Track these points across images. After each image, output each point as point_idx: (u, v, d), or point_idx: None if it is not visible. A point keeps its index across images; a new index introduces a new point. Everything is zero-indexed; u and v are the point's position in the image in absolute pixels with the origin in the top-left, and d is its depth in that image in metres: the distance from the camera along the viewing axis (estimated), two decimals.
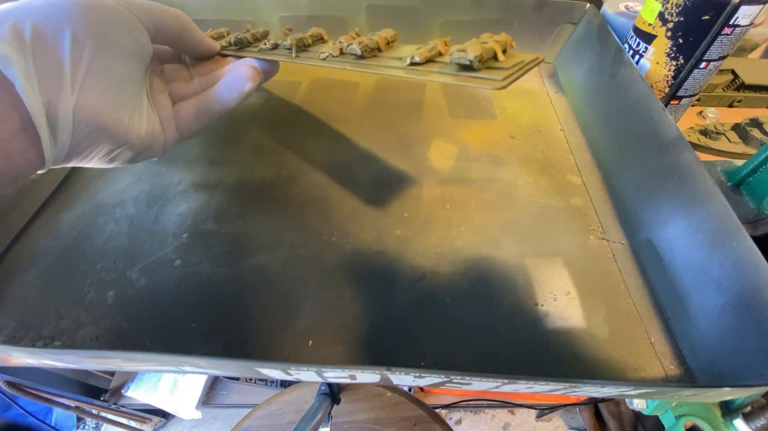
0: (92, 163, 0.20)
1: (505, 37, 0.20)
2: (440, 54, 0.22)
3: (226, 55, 0.27)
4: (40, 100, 0.16)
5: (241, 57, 0.27)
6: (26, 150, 0.17)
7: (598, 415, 0.74)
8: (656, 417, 0.29)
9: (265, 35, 0.29)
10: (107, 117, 0.18)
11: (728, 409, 0.26)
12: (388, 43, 0.24)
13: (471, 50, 0.19)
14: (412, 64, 0.21)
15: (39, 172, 0.18)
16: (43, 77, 0.16)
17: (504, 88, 0.18)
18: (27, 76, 0.16)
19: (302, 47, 0.26)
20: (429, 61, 0.21)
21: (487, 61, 0.19)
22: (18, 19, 0.16)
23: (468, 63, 0.19)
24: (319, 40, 0.27)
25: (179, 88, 0.25)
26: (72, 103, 0.17)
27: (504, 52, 0.20)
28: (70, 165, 0.19)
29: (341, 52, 0.24)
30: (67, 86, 0.17)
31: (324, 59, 0.24)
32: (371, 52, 0.23)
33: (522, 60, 0.20)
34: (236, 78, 0.24)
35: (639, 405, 0.29)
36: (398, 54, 0.23)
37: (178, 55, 0.27)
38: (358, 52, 0.23)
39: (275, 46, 0.26)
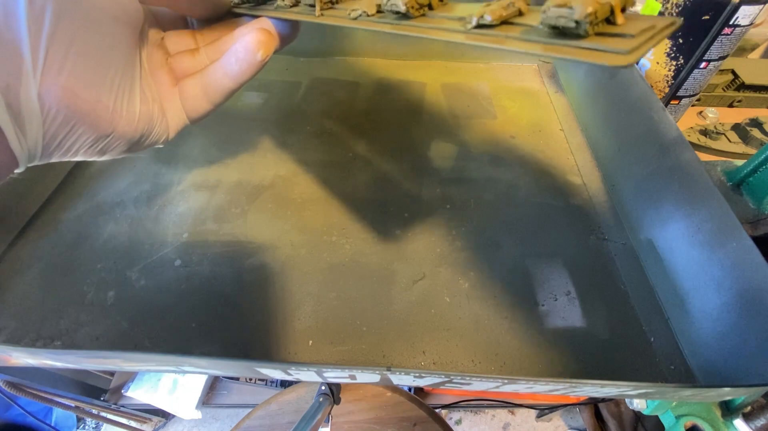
0: (79, 156, 0.17)
1: None
2: (520, 13, 0.16)
3: (239, 15, 0.23)
4: None
5: (255, 16, 0.22)
6: None
7: (598, 415, 0.74)
8: (656, 417, 0.29)
9: None
10: (84, 99, 0.15)
11: (728, 409, 0.26)
12: None
13: (579, 6, 0.13)
14: (480, 26, 0.16)
15: (16, 171, 0.16)
16: None
17: (630, 65, 0.12)
18: None
19: (328, 3, 0.21)
20: (504, 22, 0.16)
21: (599, 25, 0.13)
22: None
23: (572, 26, 0.13)
24: None
25: (183, 61, 0.20)
26: (36, 85, 0.14)
27: (623, 11, 0.14)
28: (54, 160, 0.16)
29: (378, 10, 0.19)
30: (27, 65, 0.14)
31: (355, 19, 0.19)
32: (419, 10, 0.18)
33: (653, 25, 0.13)
34: (246, 45, 0.19)
35: (639, 405, 0.29)
36: (455, 13, 0.17)
37: (183, 19, 0.22)
38: (402, 9, 0.18)
39: (296, 3, 0.22)
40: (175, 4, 0.20)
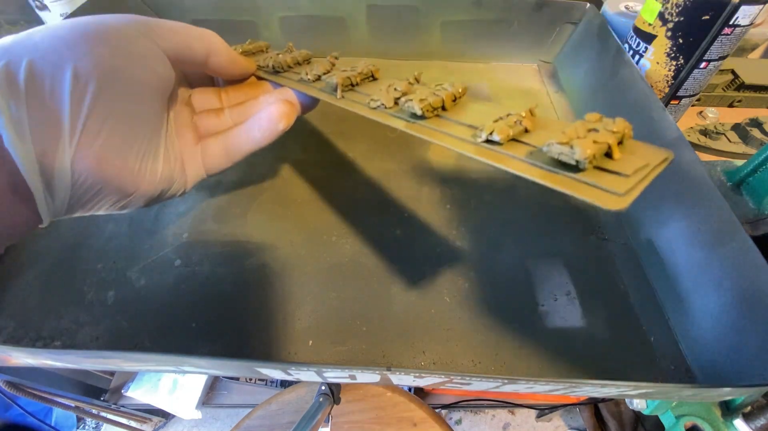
0: (100, 212, 0.18)
1: (623, 125, 0.15)
2: (526, 131, 0.16)
3: (262, 79, 0.24)
4: (32, 153, 0.14)
5: (278, 84, 0.24)
6: (17, 210, 0.15)
7: (598, 415, 0.74)
8: (656, 417, 0.29)
9: (307, 59, 0.26)
10: (113, 166, 0.16)
11: (728, 409, 0.26)
12: (454, 100, 0.19)
13: (580, 147, 0.13)
14: (489, 141, 0.16)
15: (40, 226, 0.16)
16: (37, 126, 0.14)
17: (624, 208, 0.12)
18: (17, 127, 0.14)
19: (349, 86, 0.22)
20: (511, 139, 0.16)
21: (597, 158, 0.14)
22: (13, 59, 0.14)
23: (572, 163, 0.14)
24: (369, 78, 0.23)
25: (208, 119, 0.22)
26: (71, 153, 0.15)
27: (619, 144, 0.14)
28: (76, 215, 0.17)
29: (396, 104, 0.20)
30: (65, 135, 0.14)
31: (374, 108, 0.20)
32: (433, 112, 0.19)
33: (646, 162, 0.14)
34: (269, 116, 0.21)
35: (639, 405, 0.29)
36: (467, 118, 0.18)
37: (210, 78, 0.24)
38: (418, 112, 0.18)
39: (318, 78, 0.23)
40: (205, 69, 0.21)
